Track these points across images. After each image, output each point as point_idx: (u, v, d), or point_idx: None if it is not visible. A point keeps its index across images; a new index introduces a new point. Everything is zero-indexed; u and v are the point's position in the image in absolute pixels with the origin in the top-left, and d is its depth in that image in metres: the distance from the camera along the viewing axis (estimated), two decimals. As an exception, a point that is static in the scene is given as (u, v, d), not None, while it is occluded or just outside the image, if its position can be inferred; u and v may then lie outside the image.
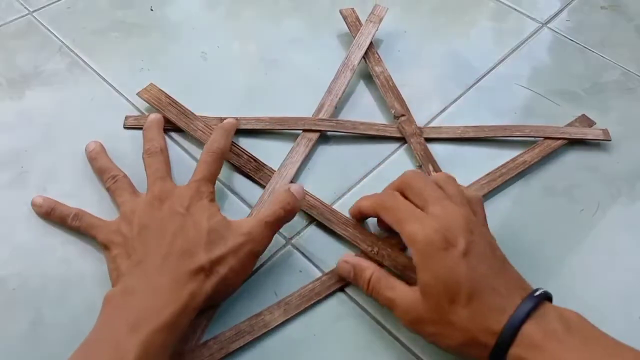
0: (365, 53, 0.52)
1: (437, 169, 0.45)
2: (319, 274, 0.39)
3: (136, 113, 0.47)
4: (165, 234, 0.34)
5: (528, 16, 0.60)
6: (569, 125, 0.49)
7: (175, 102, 0.47)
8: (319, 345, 0.36)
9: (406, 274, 0.38)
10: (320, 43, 0.55)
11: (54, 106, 0.48)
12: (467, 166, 0.45)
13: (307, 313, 0.37)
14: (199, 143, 0.45)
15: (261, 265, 0.39)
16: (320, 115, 0.48)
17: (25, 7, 0.56)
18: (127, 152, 0.45)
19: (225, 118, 0.46)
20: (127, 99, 0.48)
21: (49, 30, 0.54)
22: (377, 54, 0.53)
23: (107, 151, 0.44)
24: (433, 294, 0.32)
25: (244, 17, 0.57)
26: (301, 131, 0.47)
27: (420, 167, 0.45)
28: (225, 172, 0.44)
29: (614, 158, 0.47)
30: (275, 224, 0.37)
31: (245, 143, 0.46)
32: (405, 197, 0.36)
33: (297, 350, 0.36)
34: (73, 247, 0.39)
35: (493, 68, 0.54)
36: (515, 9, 0.60)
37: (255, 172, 0.44)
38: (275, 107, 0.48)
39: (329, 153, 0.46)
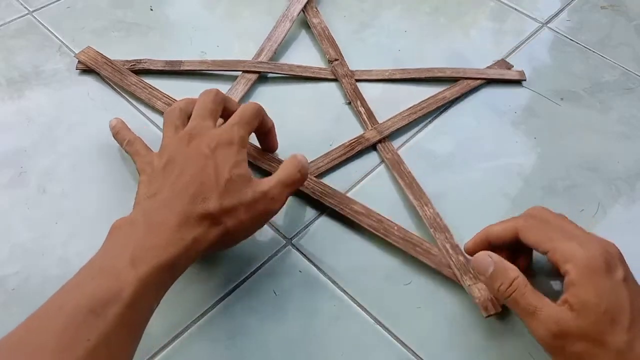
0: (305, 7, 0.56)
1: (365, 105, 0.49)
2: (319, 274, 0.39)
3: (136, 111, 0.47)
4: (185, 172, 0.34)
5: (528, 16, 0.60)
6: (488, 67, 0.53)
7: (110, 61, 0.50)
8: (318, 345, 0.36)
9: None
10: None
11: (53, 106, 0.48)
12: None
13: (306, 313, 0.37)
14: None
15: (261, 265, 0.39)
16: (260, 59, 0.51)
17: (25, 7, 0.56)
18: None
19: (171, 61, 0.50)
20: (126, 99, 0.48)
21: (48, 30, 0.54)
22: (316, 8, 0.57)
23: (106, 150, 0.44)
24: (592, 311, 0.31)
25: (244, 17, 0.57)
26: (241, 72, 0.50)
27: (349, 103, 0.49)
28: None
29: (614, 158, 0.47)
30: (292, 186, 0.38)
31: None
32: None
33: (297, 350, 0.36)
34: (73, 247, 0.39)
35: (493, 68, 0.54)
36: (515, 9, 0.60)
37: None
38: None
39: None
